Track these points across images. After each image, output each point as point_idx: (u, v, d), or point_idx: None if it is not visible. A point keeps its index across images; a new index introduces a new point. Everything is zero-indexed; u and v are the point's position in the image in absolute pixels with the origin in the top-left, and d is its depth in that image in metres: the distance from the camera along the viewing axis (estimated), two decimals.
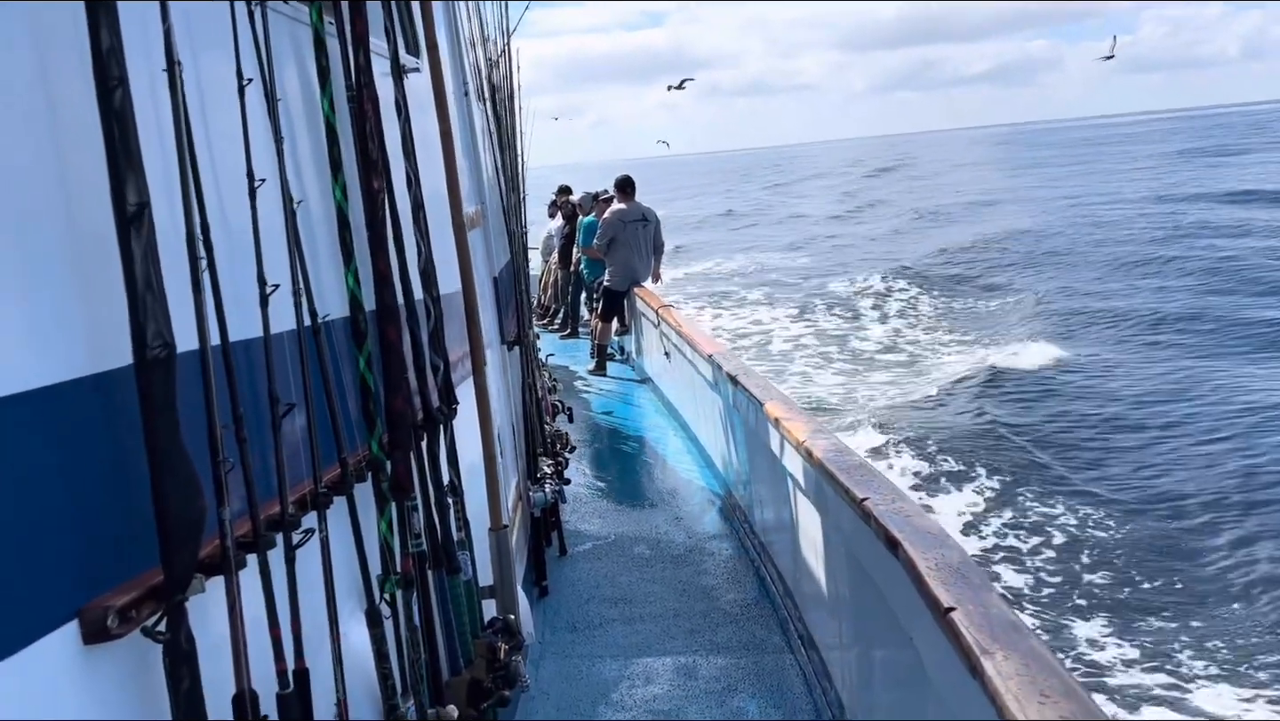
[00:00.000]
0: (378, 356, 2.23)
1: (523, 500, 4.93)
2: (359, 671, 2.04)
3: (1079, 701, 1.51)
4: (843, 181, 68.73)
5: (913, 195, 47.12)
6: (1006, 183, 48.77)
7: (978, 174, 57.80)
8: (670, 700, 3.90)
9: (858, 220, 40.28)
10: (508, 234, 5.30)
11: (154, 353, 1.29)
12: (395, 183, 2.44)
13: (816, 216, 44.09)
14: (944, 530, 2.34)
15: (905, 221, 37.16)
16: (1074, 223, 29.47)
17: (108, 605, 1.26)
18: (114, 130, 1.26)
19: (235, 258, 1.70)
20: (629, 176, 10.80)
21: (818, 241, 34.69)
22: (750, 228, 42.22)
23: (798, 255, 31.22)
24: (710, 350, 6.38)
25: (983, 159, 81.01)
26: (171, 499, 1.31)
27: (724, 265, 30.01)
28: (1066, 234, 27.51)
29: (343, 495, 1.96)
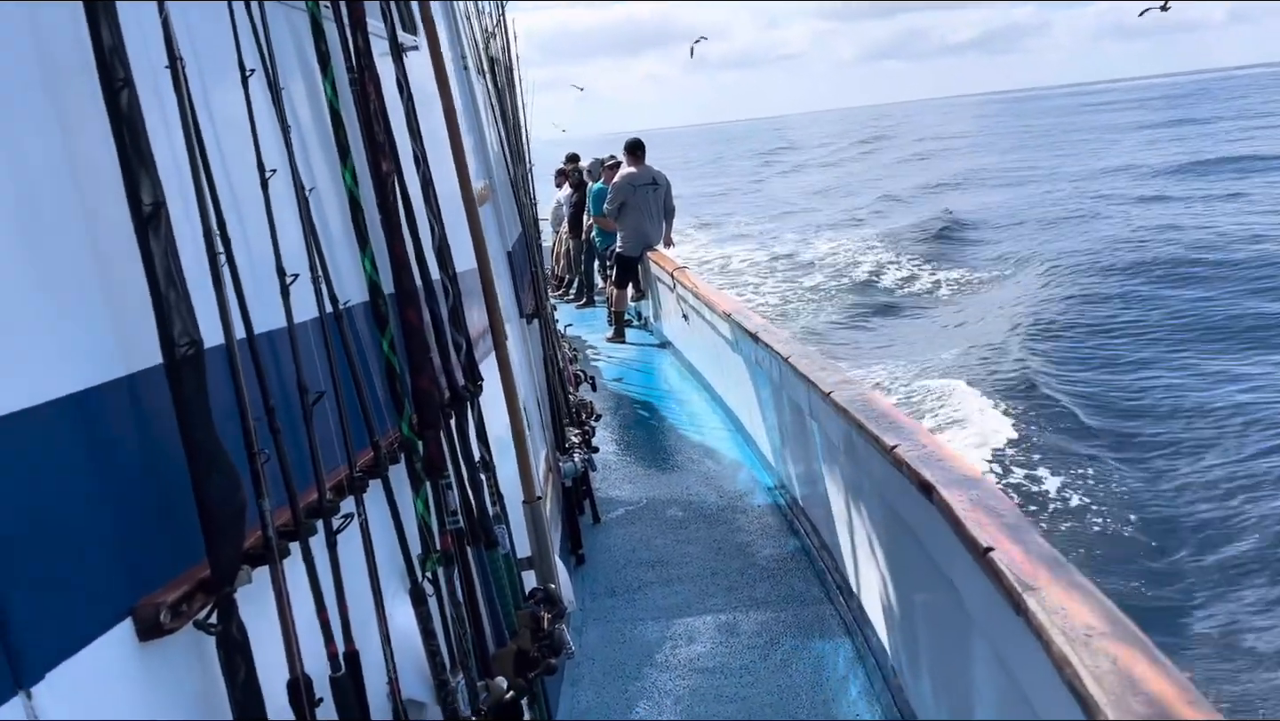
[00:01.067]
0: (400, 338, 2.23)
1: (553, 471, 4.96)
2: (407, 650, 2.06)
3: (1126, 631, 1.51)
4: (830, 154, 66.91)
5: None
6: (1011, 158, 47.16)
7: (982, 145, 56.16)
8: (714, 657, 3.94)
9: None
10: (517, 207, 5.29)
11: (182, 351, 1.30)
12: (404, 163, 2.44)
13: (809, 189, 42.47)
14: (977, 471, 2.33)
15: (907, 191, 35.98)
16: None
17: (159, 601, 1.28)
18: (124, 131, 1.26)
19: (253, 250, 1.71)
20: (639, 139, 10.72)
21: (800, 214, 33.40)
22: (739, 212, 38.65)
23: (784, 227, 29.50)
24: (728, 309, 6.37)
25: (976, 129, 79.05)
26: (212, 493, 1.32)
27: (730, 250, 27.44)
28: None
29: (378, 478, 1.97)
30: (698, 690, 3.69)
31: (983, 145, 47.97)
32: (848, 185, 34.72)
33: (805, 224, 28.08)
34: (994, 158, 39.87)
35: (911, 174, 34.65)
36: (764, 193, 39.47)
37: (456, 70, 4.10)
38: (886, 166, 37.24)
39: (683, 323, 8.95)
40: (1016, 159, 41.04)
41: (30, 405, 1.15)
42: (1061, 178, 32.19)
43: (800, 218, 29.78)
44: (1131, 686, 1.33)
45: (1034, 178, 33.71)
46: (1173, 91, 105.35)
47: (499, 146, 5.11)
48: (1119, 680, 1.34)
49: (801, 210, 32.17)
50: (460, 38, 4.47)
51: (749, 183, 47.85)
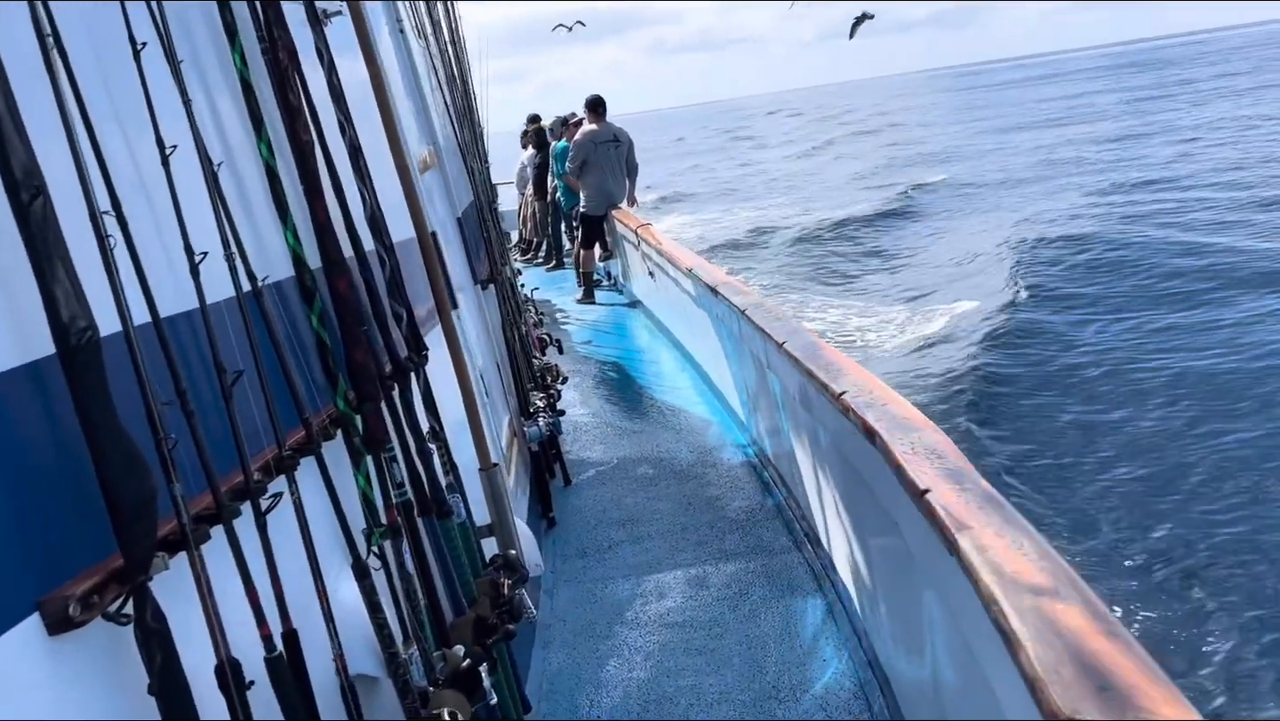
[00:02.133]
0: (330, 311, 2.20)
1: (518, 436, 4.95)
2: (355, 626, 2.05)
3: (1054, 567, 1.52)
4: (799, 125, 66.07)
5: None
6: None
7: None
8: (683, 611, 3.96)
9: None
10: (468, 171, 5.22)
11: (75, 339, 1.27)
12: (329, 131, 2.38)
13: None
14: (920, 415, 2.34)
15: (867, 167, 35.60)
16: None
17: (68, 594, 1.26)
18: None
19: (161, 230, 1.67)
20: (599, 96, 10.58)
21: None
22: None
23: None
24: (690, 264, 6.34)
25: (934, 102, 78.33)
26: (117, 480, 1.30)
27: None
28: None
29: (309, 456, 1.95)
30: (667, 644, 3.71)
31: (938, 122, 47.37)
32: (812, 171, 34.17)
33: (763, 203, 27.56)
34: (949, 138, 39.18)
35: (871, 155, 34.20)
36: (727, 176, 38.37)
37: (392, 34, 4.01)
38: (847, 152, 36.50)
39: (650, 281, 8.92)
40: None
41: None
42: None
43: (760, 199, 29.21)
44: (1053, 622, 1.33)
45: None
46: (1119, 61, 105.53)
47: (445, 111, 5.03)
48: (1041, 617, 1.34)
49: (763, 194, 31.49)
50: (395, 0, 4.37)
51: (715, 163, 46.27)
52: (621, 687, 3.49)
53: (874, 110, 73.50)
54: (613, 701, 3.42)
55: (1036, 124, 41.45)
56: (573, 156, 10.54)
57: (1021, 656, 1.28)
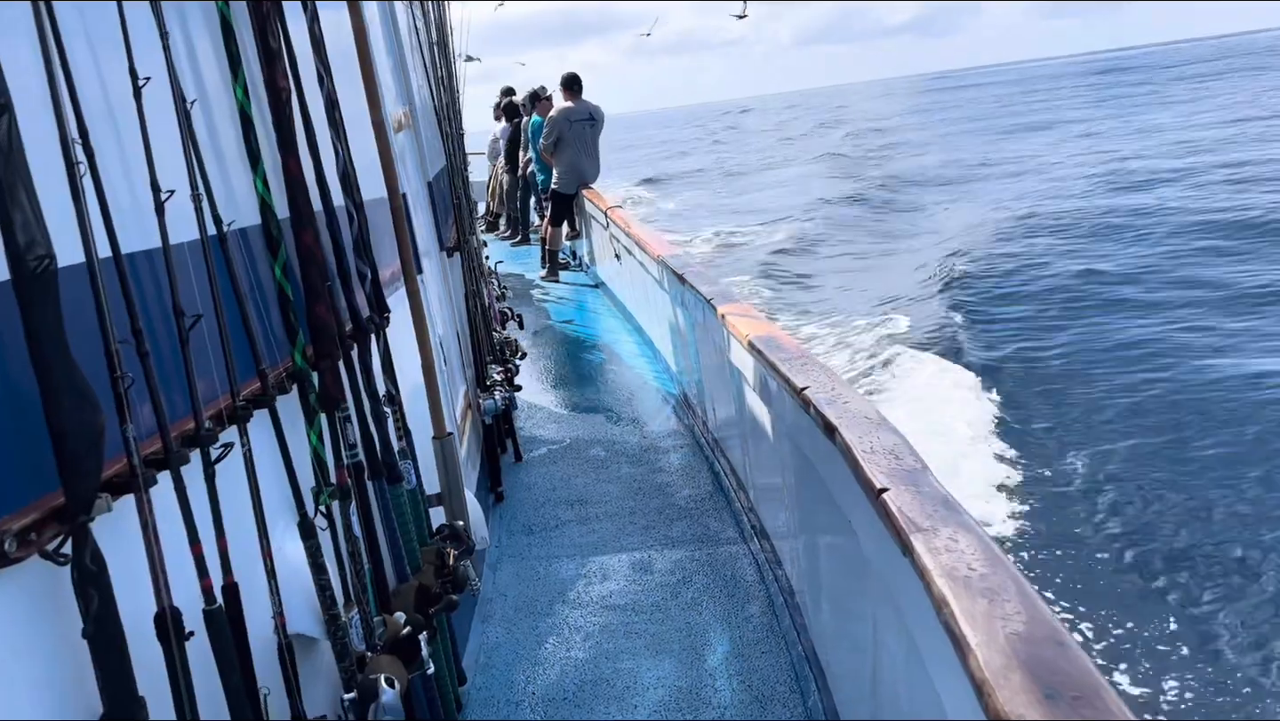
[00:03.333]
0: (295, 264, 2.15)
1: (473, 408, 4.91)
2: (297, 585, 2.02)
3: (1005, 572, 1.53)
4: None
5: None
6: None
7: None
8: (626, 595, 3.96)
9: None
10: (442, 136, 5.15)
11: (31, 265, 1.22)
12: (306, 81, 2.33)
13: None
14: (880, 415, 2.34)
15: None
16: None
17: (3, 529, 1.22)
18: None
19: (128, 163, 1.61)
20: (575, 74, 10.50)
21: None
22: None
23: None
24: (660, 251, 6.33)
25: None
26: (64, 417, 1.25)
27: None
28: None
29: (263, 408, 1.90)
30: (607, 626, 3.71)
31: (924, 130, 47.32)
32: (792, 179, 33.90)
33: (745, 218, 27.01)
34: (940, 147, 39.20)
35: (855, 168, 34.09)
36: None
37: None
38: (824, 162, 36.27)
39: (615, 263, 8.89)
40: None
41: None
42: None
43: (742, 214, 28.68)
44: (1003, 627, 1.34)
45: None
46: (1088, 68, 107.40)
47: (424, 73, 4.95)
48: (991, 621, 1.35)
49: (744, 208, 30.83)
50: None
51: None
52: (559, 666, 3.48)
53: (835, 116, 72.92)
54: (549, 679, 3.41)
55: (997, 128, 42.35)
56: (546, 132, 10.46)
57: (970, 660, 1.28)
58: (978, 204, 21.81)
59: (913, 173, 29.89)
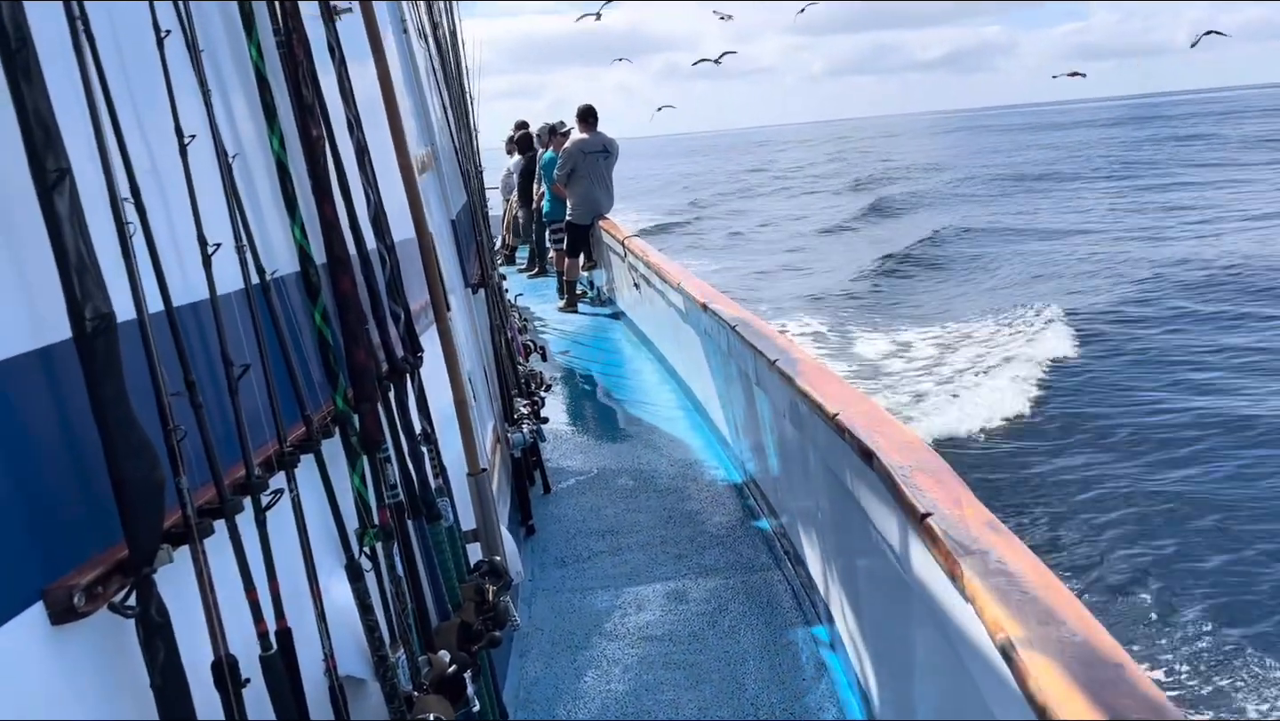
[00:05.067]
0: (334, 309, 2.18)
1: (501, 442, 4.93)
2: (345, 626, 2.03)
3: (1059, 596, 1.53)
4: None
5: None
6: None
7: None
8: (662, 625, 3.95)
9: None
10: (463, 175, 5.21)
11: (91, 324, 1.25)
12: (336, 128, 2.37)
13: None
14: (917, 438, 2.35)
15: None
16: None
17: (72, 584, 1.24)
18: (23, 94, 1.20)
19: (174, 219, 1.65)
20: (591, 106, 10.60)
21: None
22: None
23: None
24: (679, 279, 6.36)
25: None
26: (126, 470, 1.28)
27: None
28: None
29: (310, 453, 1.93)
30: (646, 657, 3.70)
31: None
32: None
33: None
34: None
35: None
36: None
37: (395, 34, 4.00)
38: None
39: (634, 292, 8.93)
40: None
41: None
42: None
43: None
44: (1062, 651, 1.34)
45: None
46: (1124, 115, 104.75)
47: (443, 113, 5.02)
48: (1048, 644, 1.35)
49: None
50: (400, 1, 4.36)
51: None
52: (599, 699, 3.47)
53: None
54: (590, 713, 3.40)
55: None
56: (561, 164, 10.55)
57: (1030, 683, 1.28)
58: None
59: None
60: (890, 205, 33.12)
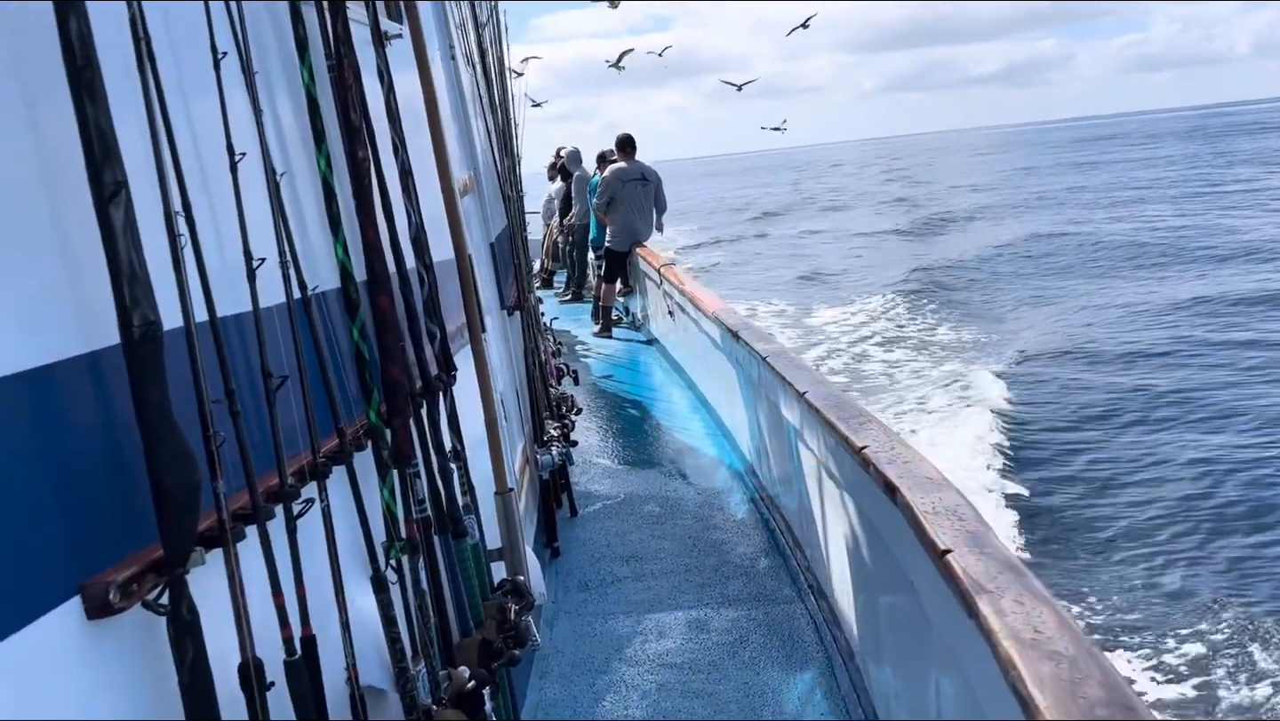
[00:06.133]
0: (371, 326, 2.24)
1: (530, 463, 4.97)
2: (368, 637, 2.07)
3: (1072, 636, 1.53)
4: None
5: None
6: None
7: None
8: (682, 653, 3.95)
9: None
10: (503, 199, 5.29)
11: (139, 330, 1.30)
12: (382, 150, 2.44)
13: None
14: (941, 474, 2.35)
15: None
16: None
17: (109, 580, 1.29)
18: (87, 110, 1.26)
19: (221, 233, 1.71)
20: (629, 135, 10.74)
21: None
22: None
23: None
24: (713, 308, 6.39)
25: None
26: (166, 473, 1.33)
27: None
28: None
29: (342, 464, 1.98)
30: (665, 685, 3.70)
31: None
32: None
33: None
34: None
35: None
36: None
37: (443, 60, 4.09)
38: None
39: (669, 320, 8.97)
40: None
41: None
42: None
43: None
44: (1072, 690, 1.34)
45: None
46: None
47: (487, 138, 5.11)
48: (1059, 685, 1.35)
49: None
50: (449, 28, 4.46)
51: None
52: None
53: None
54: None
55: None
56: (600, 193, 10.68)
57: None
58: None
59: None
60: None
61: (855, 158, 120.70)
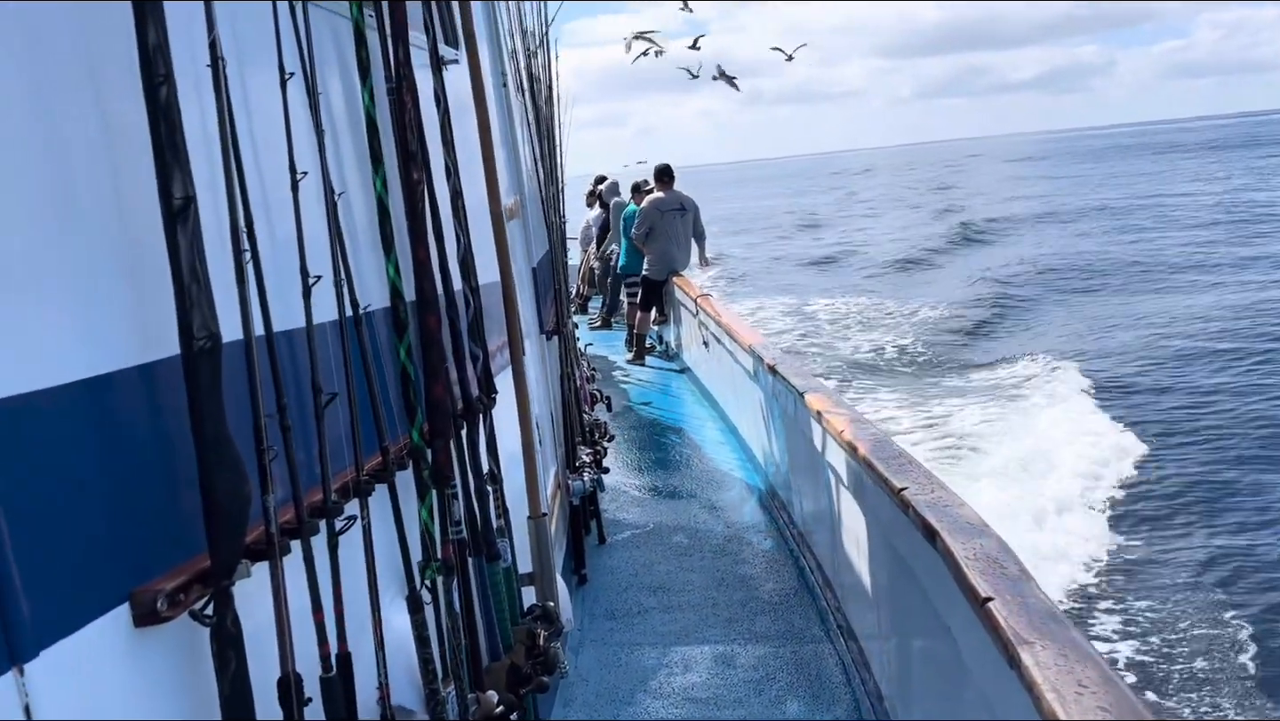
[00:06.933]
0: (418, 346, 2.25)
1: (561, 489, 4.97)
2: (400, 656, 2.07)
3: (1117, 692, 1.50)
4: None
5: None
6: None
7: None
8: (708, 688, 3.91)
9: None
10: (546, 225, 5.33)
11: (200, 343, 1.32)
12: (434, 174, 2.47)
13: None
14: (982, 520, 2.32)
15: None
16: None
17: (158, 589, 1.30)
18: (160, 126, 1.29)
19: (279, 250, 1.73)
20: (668, 165, 10.81)
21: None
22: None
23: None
24: (750, 340, 6.38)
25: None
26: (218, 486, 1.34)
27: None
28: None
29: (384, 483, 1.99)
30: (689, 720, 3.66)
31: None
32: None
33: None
34: None
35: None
36: None
37: (495, 86, 4.14)
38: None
39: (703, 350, 8.96)
40: None
41: (47, 386, 1.18)
42: None
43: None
44: None
45: None
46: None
47: (533, 164, 5.16)
48: None
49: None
50: (501, 54, 4.53)
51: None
52: None
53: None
54: None
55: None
56: (639, 223, 10.72)
57: None
58: None
59: None
60: None
61: (902, 162, 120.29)
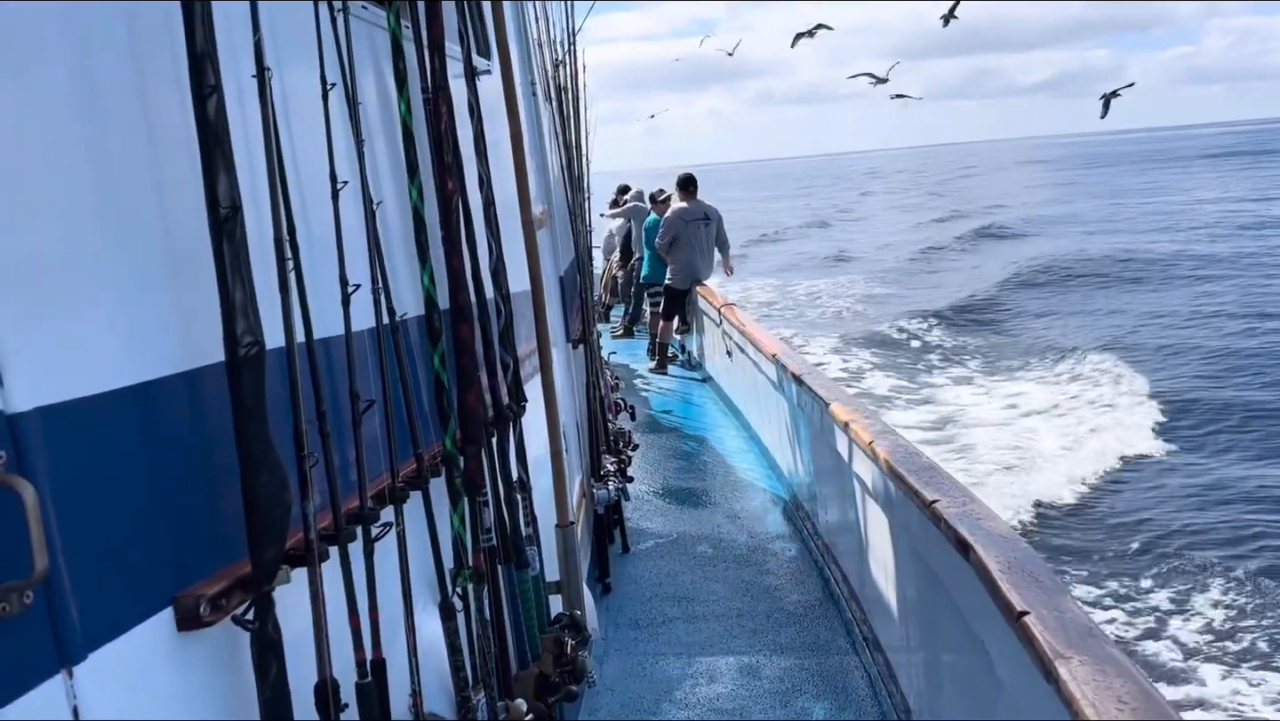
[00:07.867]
0: (451, 354, 2.27)
1: (587, 497, 4.97)
2: (432, 663, 2.08)
3: (1157, 708, 1.49)
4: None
5: None
6: None
7: None
8: (733, 699, 3.90)
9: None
10: (573, 233, 5.35)
11: (245, 351, 1.34)
12: (468, 183, 2.48)
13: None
14: (1015, 533, 2.31)
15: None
16: None
17: (200, 593, 1.31)
18: (208, 136, 1.31)
19: (318, 258, 1.75)
20: (691, 175, 10.81)
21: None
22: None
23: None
24: (774, 350, 6.36)
25: None
26: (260, 492, 1.35)
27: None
28: None
29: (419, 490, 2.00)
30: None
31: None
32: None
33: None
34: None
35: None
36: None
37: (525, 96, 4.17)
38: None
39: (726, 359, 8.95)
40: None
41: (95, 393, 1.19)
42: None
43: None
44: None
45: None
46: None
47: (560, 173, 5.18)
48: None
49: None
50: (531, 64, 4.55)
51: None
52: None
53: None
54: None
55: None
56: (663, 233, 10.72)
57: None
58: None
59: None
60: None
61: (918, 165, 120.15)
